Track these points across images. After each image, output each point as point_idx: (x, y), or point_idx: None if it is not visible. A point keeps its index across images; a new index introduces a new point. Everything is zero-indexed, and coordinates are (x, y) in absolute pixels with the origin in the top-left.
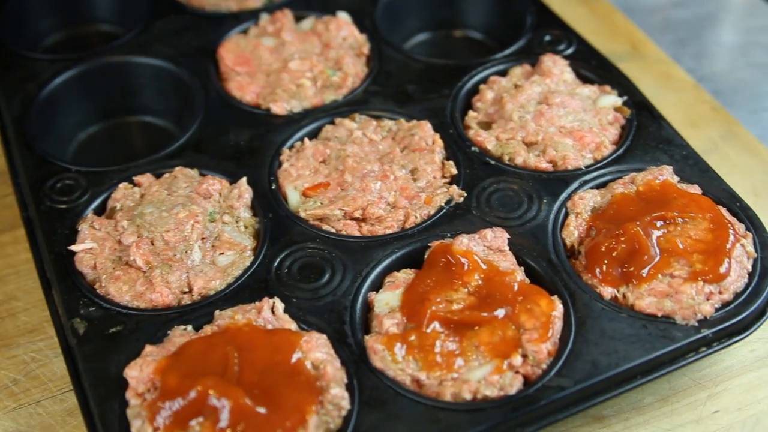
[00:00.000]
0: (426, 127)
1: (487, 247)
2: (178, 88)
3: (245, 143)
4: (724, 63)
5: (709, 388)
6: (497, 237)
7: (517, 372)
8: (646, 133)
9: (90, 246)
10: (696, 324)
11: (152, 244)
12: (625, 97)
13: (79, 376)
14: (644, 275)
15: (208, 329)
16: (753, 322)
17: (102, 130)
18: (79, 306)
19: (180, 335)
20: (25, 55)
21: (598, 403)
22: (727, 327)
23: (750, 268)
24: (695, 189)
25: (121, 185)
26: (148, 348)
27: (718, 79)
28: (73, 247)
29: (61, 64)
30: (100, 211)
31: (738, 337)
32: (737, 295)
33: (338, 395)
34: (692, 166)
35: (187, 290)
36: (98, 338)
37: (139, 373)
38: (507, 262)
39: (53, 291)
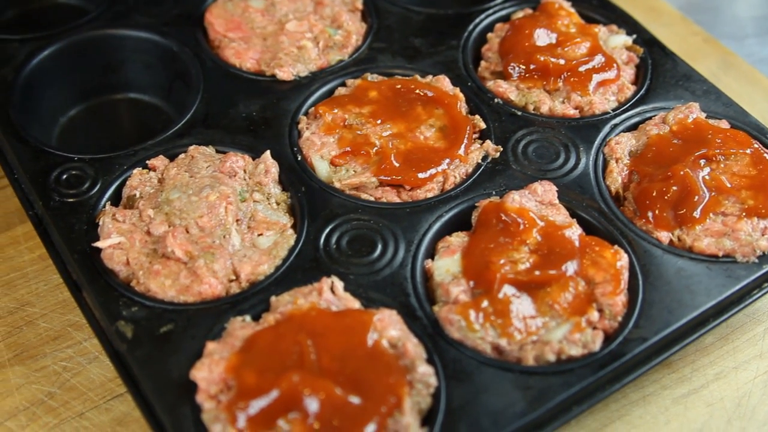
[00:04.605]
0: (444, 81)
1: (539, 202)
2: (165, 60)
3: (257, 114)
4: None
5: (764, 321)
6: (547, 191)
7: (595, 328)
8: (663, 71)
9: (118, 240)
10: (756, 260)
11: (187, 232)
12: (634, 35)
13: (136, 383)
14: (697, 216)
15: (270, 318)
16: None
17: (84, 111)
18: (120, 307)
19: (240, 327)
20: None
21: (679, 350)
22: None
23: None
24: (724, 124)
25: (136, 171)
26: (211, 345)
27: (696, 9)
28: (99, 244)
29: (34, 44)
30: (115, 200)
31: None
32: None
33: (426, 372)
34: (715, 101)
35: (233, 278)
36: (150, 340)
37: (209, 373)
38: (561, 215)
39: (84, 293)
